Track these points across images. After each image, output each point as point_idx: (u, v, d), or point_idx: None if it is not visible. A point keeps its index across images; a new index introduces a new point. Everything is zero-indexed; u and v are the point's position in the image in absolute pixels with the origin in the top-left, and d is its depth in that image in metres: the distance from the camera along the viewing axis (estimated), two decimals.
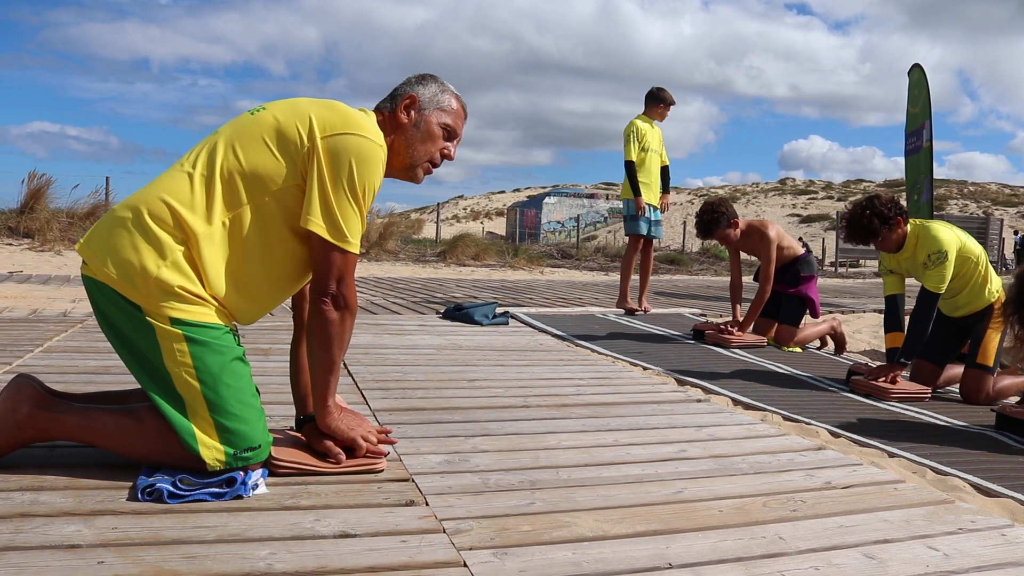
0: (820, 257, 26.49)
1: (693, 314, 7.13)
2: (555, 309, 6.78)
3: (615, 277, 12.40)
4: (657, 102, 6.73)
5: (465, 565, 1.71)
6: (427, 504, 2.06)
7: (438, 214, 23.37)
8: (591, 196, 51.97)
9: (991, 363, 4.27)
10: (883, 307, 4.53)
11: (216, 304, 2.11)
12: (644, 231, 6.74)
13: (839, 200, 56.10)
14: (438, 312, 6.22)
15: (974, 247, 4.29)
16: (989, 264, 4.36)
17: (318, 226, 2.10)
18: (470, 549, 1.79)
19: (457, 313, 5.82)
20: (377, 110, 2.35)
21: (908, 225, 4.22)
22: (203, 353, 2.05)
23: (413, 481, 2.24)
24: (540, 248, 20.42)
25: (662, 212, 6.93)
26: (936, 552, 1.94)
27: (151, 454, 2.09)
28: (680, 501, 2.20)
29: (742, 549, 1.88)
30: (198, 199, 2.09)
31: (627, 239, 6.99)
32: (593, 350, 4.87)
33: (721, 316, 7.05)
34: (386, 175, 2.29)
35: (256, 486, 2.06)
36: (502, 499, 2.14)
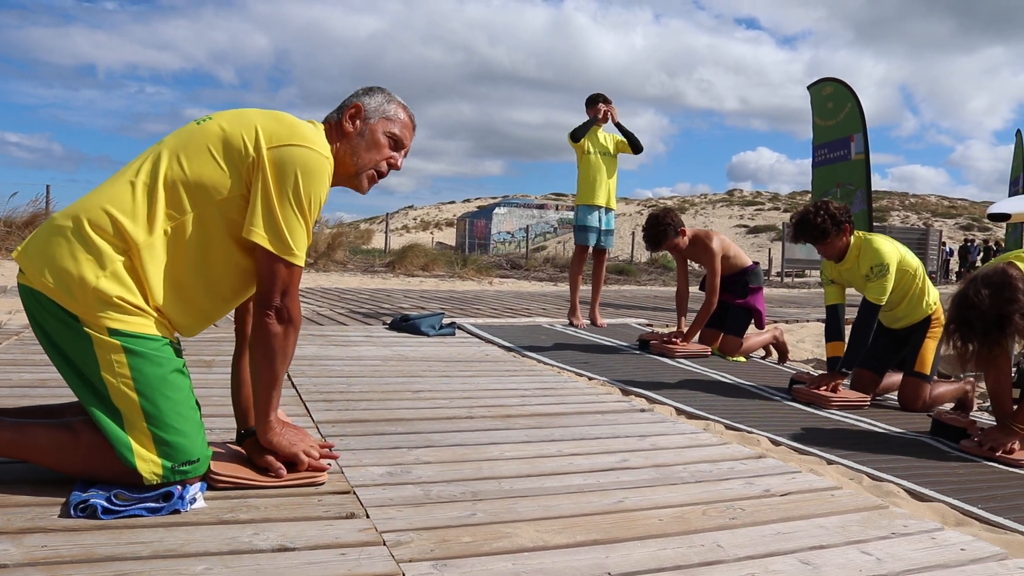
0: (767, 267, 26.84)
1: (640, 324, 7.18)
2: (502, 320, 6.79)
3: (564, 287, 12.45)
4: (590, 106, 6.74)
5: None
6: (368, 516, 2.05)
7: (387, 224, 23.29)
8: (541, 207, 52.13)
9: (928, 371, 4.37)
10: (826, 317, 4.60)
11: (156, 316, 2.09)
12: (591, 242, 6.76)
13: (786, 211, 56.92)
14: (384, 323, 6.19)
15: (912, 260, 4.39)
16: (926, 276, 4.47)
17: (261, 237, 2.08)
18: (410, 561, 1.79)
19: (403, 324, 5.80)
20: (325, 121, 2.36)
21: (852, 237, 4.32)
22: (141, 364, 2.02)
23: (354, 493, 2.22)
24: (489, 258, 20.44)
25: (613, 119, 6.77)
26: (869, 557, 1.98)
27: (86, 469, 2.05)
28: (621, 510, 2.21)
29: (680, 557, 1.90)
30: (140, 208, 2.06)
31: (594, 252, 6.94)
32: (539, 360, 4.88)
33: (668, 326, 7.11)
34: (332, 184, 2.29)
35: (194, 500, 2.03)
36: (443, 511, 2.13)
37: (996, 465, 3.17)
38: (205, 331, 4.84)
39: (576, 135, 6.62)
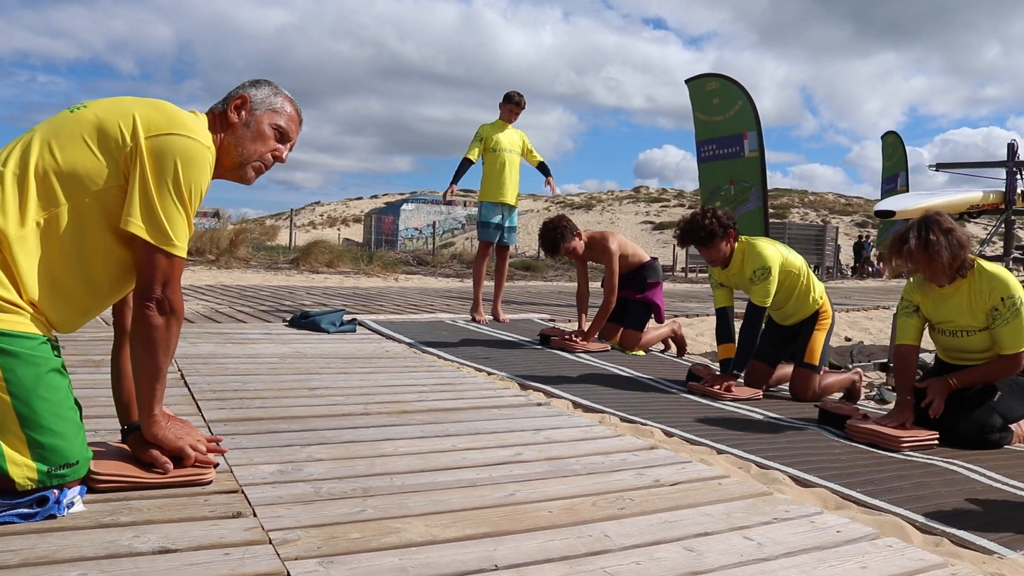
0: (671, 263, 27.34)
1: (542, 320, 7.23)
2: (405, 316, 6.76)
3: (470, 283, 12.45)
4: (504, 102, 6.82)
5: (288, 575, 1.69)
6: (255, 515, 2.02)
7: (291, 220, 22.93)
8: (449, 203, 52.02)
9: (817, 362, 4.52)
10: None
11: (32, 311, 2.01)
12: (493, 239, 6.80)
13: (690, 208, 57.89)
14: (284, 320, 6.10)
15: (795, 260, 4.54)
16: (811, 273, 4.61)
17: (139, 228, 2.03)
18: (295, 559, 1.77)
19: (303, 321, 5.72)
20: (209, 112, 2.31)
21: (736, 243, 4.44)
22: (15, 365, 1.94)
23: (243, 492, 2.19)
24: (396, 255, 20.32)
25: (552, 192, 6.98)
26: (751, 542, 2.04)
27: None
28: (511, 503, 2.23)
29: (568, 548, 1.93)
30: (10, 200, 1.98)
31: (497, 248, 7.04)
32: (439, 356, 4.88)
33: (570, 321, 7.17)
34: (216, 176, 2.26)
35: (72, 504, 1.97)
36: (333, 507, 2.12)
37: (875, 450, 3.30)
38: (94, 330, 4.72)
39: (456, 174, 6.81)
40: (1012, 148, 7.57)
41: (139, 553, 1.75)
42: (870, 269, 30.96)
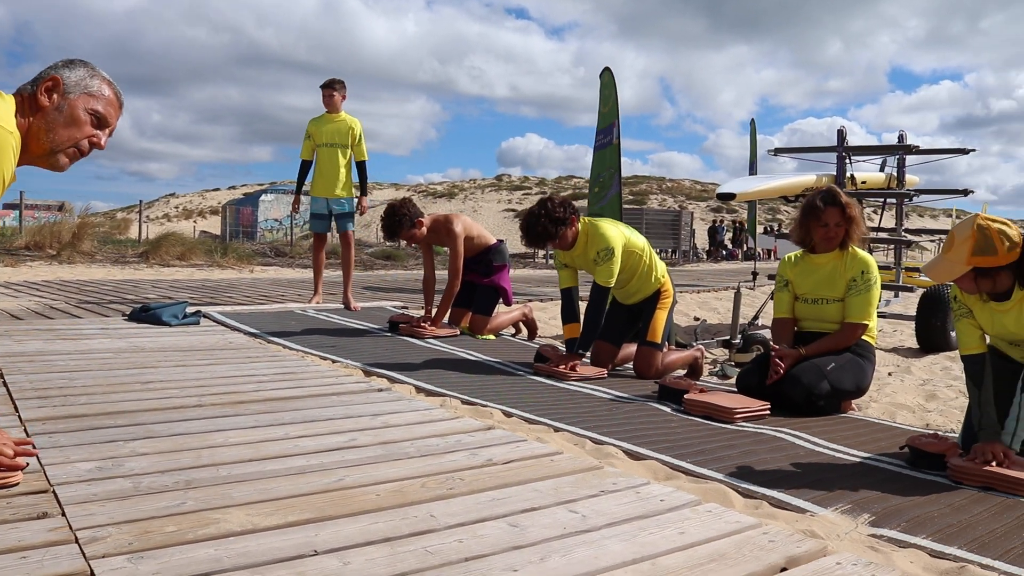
0: (532, 249, 27.61)
1: (394, 307, 7.19)
2: (253, 307, 6.59)
3: (327, 274, 12.25)
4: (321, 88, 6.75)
5: (92, 574, 1.62)
6: (64, 515, 1.93)
7: (140, 212, 22.06)
8: (308, 193, 50.96)
9: (660, 340, 4.64)
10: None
11: None
12: (320, 229, 6.92)
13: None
14: (124, 314, 5.86)
15: (638, 240, 4.63)
16: (653, 253, 4.73)
17: None
18: (102, 557, 1.70)
19: (143, 314, 5.51)
20: (17, 93, 2.17)
21: (579, 224, 4.49)
22: None
23: (53, 492, 2.08)
24: (253, 246, 19.80)
25: (360, 214, 6.93)
26: (575, 514, 2.07)
27: None
28: (338, 489, 2.20)
29: (391, 530, 1.92)
30: None
31: (338, 237, 7.20)
32: (284, 346, 4.78)
33: (423, 308, 7.15)
34: (25, 162, 2.13)
35: None
36: (150, 502, 2.04)
37: (710, 422, 3.41)
38: None
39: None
40: (841, 134, 7.98)
41: None
42: (723, 252, 32.10)
